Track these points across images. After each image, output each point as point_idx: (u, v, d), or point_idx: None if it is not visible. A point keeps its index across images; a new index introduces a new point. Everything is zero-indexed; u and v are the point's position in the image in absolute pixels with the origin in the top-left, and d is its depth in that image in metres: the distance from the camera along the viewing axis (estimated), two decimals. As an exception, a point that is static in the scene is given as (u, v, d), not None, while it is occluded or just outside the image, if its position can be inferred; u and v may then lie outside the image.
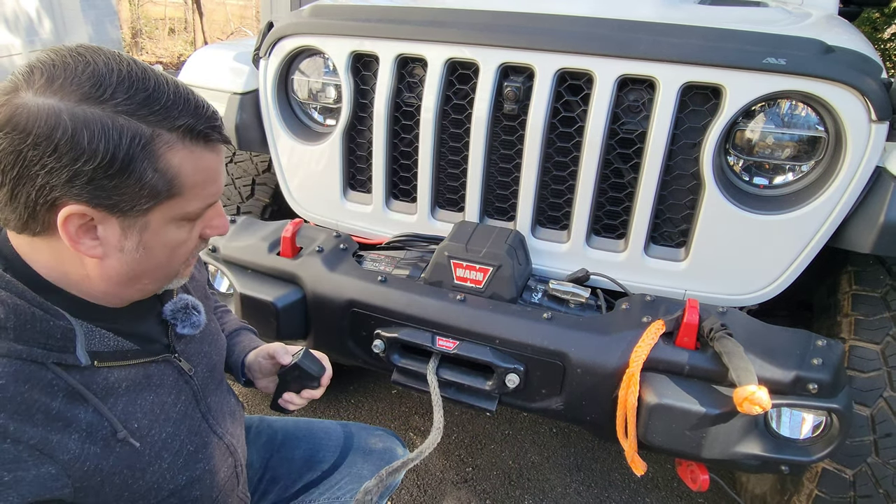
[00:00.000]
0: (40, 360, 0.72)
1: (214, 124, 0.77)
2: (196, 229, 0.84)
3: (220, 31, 11.98)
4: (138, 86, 0.70)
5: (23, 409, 0.70)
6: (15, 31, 5.84)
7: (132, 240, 0.76)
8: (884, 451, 1.43)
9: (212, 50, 2.10)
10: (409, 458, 1.19)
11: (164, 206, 0.76)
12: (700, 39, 1.34)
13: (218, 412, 1.03)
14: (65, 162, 0.67)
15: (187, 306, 0.95)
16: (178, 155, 0.74)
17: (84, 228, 0.72)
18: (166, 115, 0.72)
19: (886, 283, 1.56)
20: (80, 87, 0.67)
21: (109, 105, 0.68)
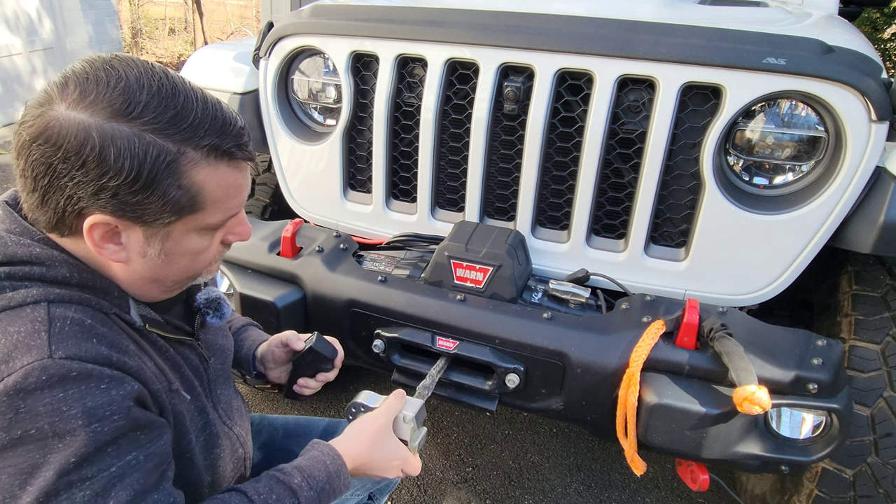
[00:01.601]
0: (106, 310, 0.78)
1: (240, 142, 0.79)
2: (218, 236, 0.86)
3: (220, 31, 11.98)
4: (167, 103, 0.72)
5: (115, 343, 0.75)
6: (15, 31, 5.84)
7: (154, 247, 0.78)
8: (884, 451, 1.43)
9: (212, 50, 2.10)
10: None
11: (187, 220, 0.78)
12: (700, 39, 1.34)
13: (226, 405, 1.05)
14: (92, 176, 0.69)
15: (219, 298, 1.00)
16: (203, 172, 0.75)
17: (108, 235, 0.75)
18: (193, 133, 0.73)
19: (886, 283, 1.56)
20: (111, 103, 0.69)
21: (138, 122, 0.70)
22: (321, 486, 0.92)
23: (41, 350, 0.68)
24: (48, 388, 0.67)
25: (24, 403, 0.66)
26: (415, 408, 1.13)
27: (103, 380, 0.71)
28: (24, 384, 0.66)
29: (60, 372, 0.67)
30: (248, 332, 1.31)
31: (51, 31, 6.43)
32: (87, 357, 0.70)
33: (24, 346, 0.68)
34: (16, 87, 5.96)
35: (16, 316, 0.70)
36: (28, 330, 0.69)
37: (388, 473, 1.05)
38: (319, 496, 0.91)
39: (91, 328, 0.73)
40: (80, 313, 0.74)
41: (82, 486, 0.68)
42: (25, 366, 0.67)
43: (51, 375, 0.67)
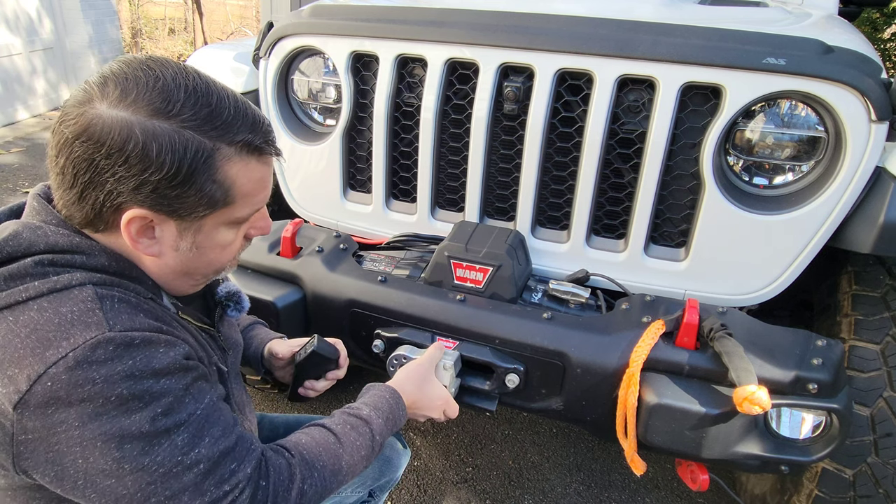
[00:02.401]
0: (144, 295, 0.82)
1: (269, 138, 0.83)
2: (243, 230, 0.90)
3: (220, 31, 11.98)
4: (203, 101, 0.75)
5: (160, 317, 0.81)
6: (15, 31, 5.84)
7: (187, 241, 0.82)
8: (884, 451, 1.43)
9: (212, 50, 2.10)
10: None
11: (219, 213, 0.82)
12: (700, 39, 1.34)
13: (239, 399, 1.08)
14: (134, 172, 0.73)
15: (238, 292, 1.04)
16: (235, 167, 0.79)
17: (143, 229, 0.79)
18: (227, 130, 0.77)
19: (886, 283, 1.56)
20: (151, 102, 0.73)
21: (177, 120, 0.73)
22: (387, 416, 1.05)
23: (101, 325, 0.72)
24: (118, 358, 0.71)
25: (97, 374, 0.70)
26: (452, 357, 1.33)
27: (161, 343, 0.76)
28: (94, 356, 0.70)
29: (125, 341, 0.72)
30: (255, 330, 1.33)
31: (51, 31, 6.43)
32: (142, 327, 0.75)
33: (82, 323, 0.71)
34: (16, 87, 5.96)
35: (65, 297, 0.73)
36: (82, 309, 0.73)
37: (433, 413, 1.20)
38: (386, 423, 1.04)
39: (138, 305, 0.79)
40: (121, 293, 0.78)
41: (178, 431, 0.75)
42: (90, 340, 0.70)
43: (117, 345, 0.71)
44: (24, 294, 0.72)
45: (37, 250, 0.75)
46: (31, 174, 4.68)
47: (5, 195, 4.26)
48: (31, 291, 0.72)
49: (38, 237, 0.76)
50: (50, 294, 0.73)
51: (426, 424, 2.39)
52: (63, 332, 0.70)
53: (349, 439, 0.97)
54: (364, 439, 0.99)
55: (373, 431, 1.01)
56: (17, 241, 0.75)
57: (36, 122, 6.07)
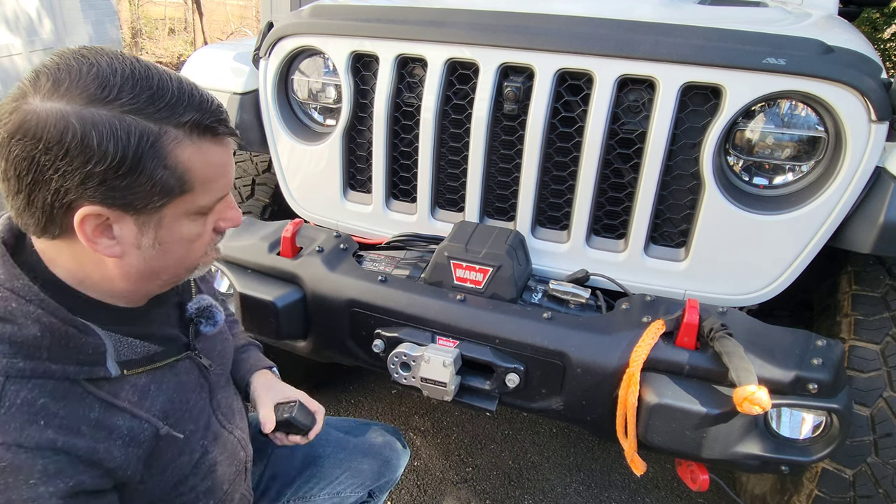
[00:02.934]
0: (72, 376, 0.75)
1: (220, 117, 0.78)
2: (210, 222, 0.85)
3: (220, 31, 11.98)
4: (143, 84, 0.71)
5: (67, 423, 0.73)
6: (15, 31, 5.84)
7: (148, 237, 0.77)
8: (883, 451, 1.43)
9: (212, 50, 2.10)
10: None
11: (177, 202, 0.76)
12: (700, 39, 1.34)
13: (227, 408, 1.05)
14: (76, 164, 0.68)
15: (210, 306, 0.99)
16: (187, 151, 0.74)
17: (100, 228, 0.74)
18: (172, 111, 0.72)
19: (886, 283, 1.56)
20: (85, 89, 0.68)
21: (116, 105, 0.69)
22: None
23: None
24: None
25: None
26: (452, 355, 1.34)
27: (34, 474, 0.69)
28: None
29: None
30: (247, 353, 1.29)
31: (51, 31, 6.43)
32: (26, 443, 0.69)
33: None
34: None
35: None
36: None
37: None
38: None
39: (42, 408, 0.71)
40: (35, 390, 0.71)
41: None
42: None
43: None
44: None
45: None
46: (31, 174, 4.67)
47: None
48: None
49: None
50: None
51: (426, 425, 2.39)
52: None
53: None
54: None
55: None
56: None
57: (36, 122, 6.06)
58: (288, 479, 1.31)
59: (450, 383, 1.35)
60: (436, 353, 1.36)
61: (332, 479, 1.31)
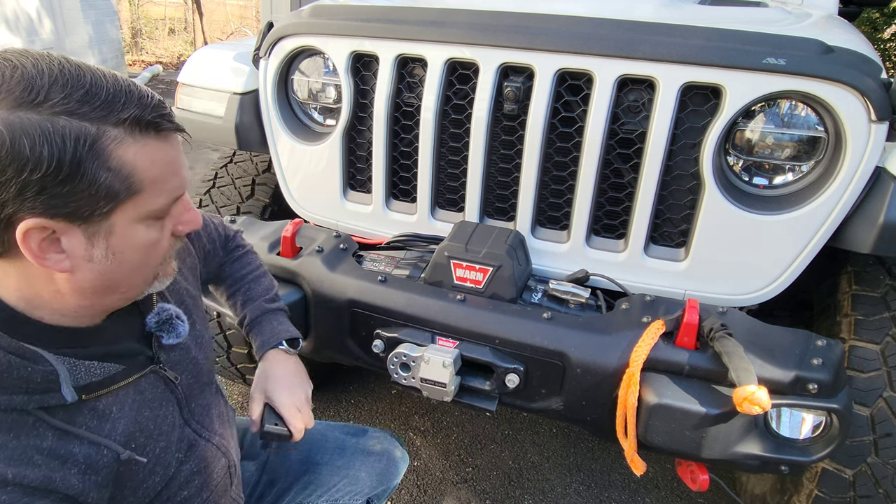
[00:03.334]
0: (21, 407, 0.71)
1: (162, 112, 0.73)
2: (167, 227, 0.80)
3: (220, 31, 11.98)
4: (74, 83, 0.66)
5: (17, 454, 0.69)
6: (15, 31, 5.84)
7: (100, 248, 0.72)
8: (883, 451, 1.43)
9: (212, 50, 2.10)
10: None
11: (126, 207, 0.71)
12: (700, 39, 1.34)
13: (203, 415, 1.01)
14: (10, 174, 0.63)
15: (171, 317, 0.92)
16: (130, 150, 0.69)
17: (47, 242, 0.68)
18: (109, 109, 0.67)
19: (886, 283, 1.56)
20: (10, 93, 0.63)
21: (46, 107, 0.64)
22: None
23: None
24: None
25: None
26: (452, 355, 1.34)
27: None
28: None
29: None
30: (259, 327, 1.27)
31: (51, 31, 6.44)
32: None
33: None
34: (16, 87, 5.96)
35: None
36: None
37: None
38: None
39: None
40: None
41: None
42: None
43: None
44: None
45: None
46: (31, 174, 4.67)
47: None
48: None
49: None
50: None
51: (426, 425, 2.39)
52: None
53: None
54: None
55: None
56: None
57: (36, 122, 6.07)
58: (285, 486, 1.30)
59: (449, 384, 1.35)
60: (435, 353, 1.36)
61: (329, 487, 1.30)
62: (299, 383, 1.21)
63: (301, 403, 1.16)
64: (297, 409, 1.15)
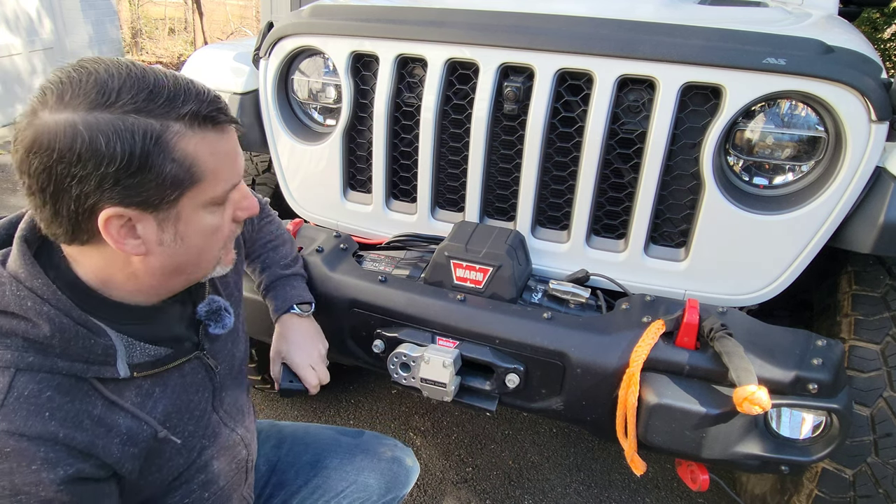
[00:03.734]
0: (80, 374, 0.79)
1: (219, 106, 0.80)
2: (227, 213, 0.87)
3: (220, 31, 11.98)
4: (140, 85, 0.74)
5: (70, 416, 0.77)
6: (15, 31, 5.84)
7: (169, 232, 0.80)
8: (884, 451, 1.43)
9: (212, 50, 2.10)
10: None
11: (190, 195, 0.79)
12: (700, 39, 1.34)
13: (231, 407, 1.08)
14: (90, 168, 0.71)
15: (220, 308, 1.01)
16: (191, 142, 0.77)
17: (125, 229, 0.77)
18: (171, 106, 0.75)
19: (886, 283, 1.56)
20: (87, 96, 0.72)
21: (117, 107, 0.72)
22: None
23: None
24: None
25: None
26: (452, 355, 1.35)
27: (36, 461, 0.73)
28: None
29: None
30: (273, 291, 1.37)
31: (51, 31, 6.43)
32: (30, 432, 0.73)
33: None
34: (16, 87, 5.96)
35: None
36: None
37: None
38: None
39: (48, 401, 0.75)
40: (42, 384, 0.76)
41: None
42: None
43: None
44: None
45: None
46: (31, 174, 4.67)
47: (5, 195, 4.26)
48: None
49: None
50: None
51: (426, 425, 2.39)
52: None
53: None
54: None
55: None
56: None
57: (36, 122, 6.07)
58: (294, 489, 1.30)
59: (450, 384, 1.35)
60: (436, 353, 1.36)
61: (337, 492, 1.29)
62: (312, 343, 1.33)
63: (315, 361, 1.29)
64: (312, 366, 1.27)
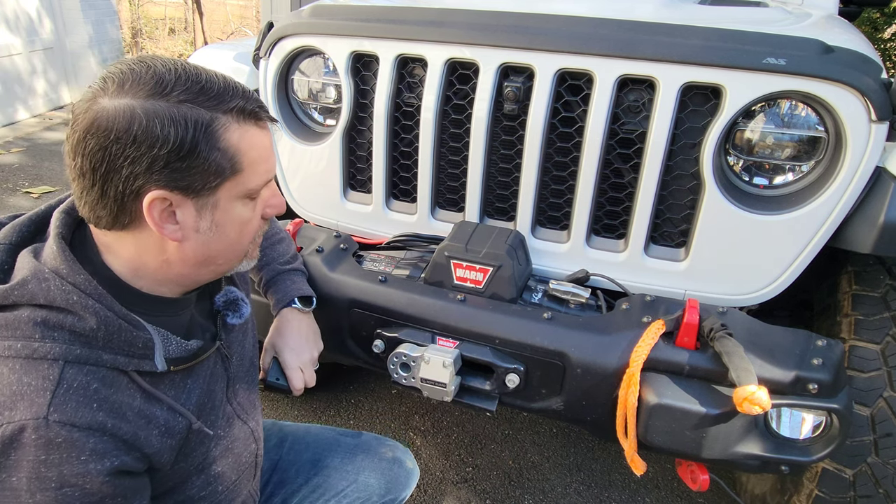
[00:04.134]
0: (122, 367, 0.82)
1: (261, 104, 0.87)
2: (258, 208, 0.92)
3: (220, 31, 11.98)
4: (193, 79, 0.80)
5: (115, 407, 0.80)
6: (15, 31, 5.84)
7: (206, 220, 0.84)
8: (884, 451, 1.43)
9: (212, 50, 2.10)
10: None
11: (229, 184, 0.84)
12: (700, 39, 1.34)
13: (244, 399, 1.10)
14: (143, 150, 0.76)
15: (237, 299, 1.04)
16: (235, 134, 0.82)
17: (166, 213, 0.81)
18: (220, 100, 0.81)
19: (886, 283, 1.55)
20: (145, 85, 0.78)
21: (172, 97, 0.78)
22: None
23: (40, 409, 0.74)
24: (34, 448, 0.73)
25: (14, 453, 0.73)
26: (452, 355, 1.35)
27: (85, 451, 0.76)
28: (19, 437, 0.73)
29: (48, 436, 0.74)
30: (275, 286, 1.37)
31: (51, 31, 6.43)
32: (80, 423, 0.76)
33: (29, 400, 0.74)
34: (16, 87, 5.96)
35: (34, 367, 0.76)
36: (38, 386, 0.75)
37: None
38: None
39: (95, 393, 0.78)
40: (89, 376, 0.79)
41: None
42: (23, 420, 0.73)
43: (39, 436, 0.73)
44: (7, 351, 0.76)
45: (36, 303, 0.79)
46: (31, 174, 4.68)
47: (5, 195, 4.26)
48: (12, 351, 0.76)
49: (41, 290, 0.79)
50: (26, 360, 0.76)
51: (426, 425, 2.39)
52: (13, 401, 0.74)
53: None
54: None
55: None
56: (23, 290, 0.79)
57: (36, 122, 6.07)
58: (294, 487, 1.31)
59: (450, 384, 1.35)
60: (436, 353, 1.36)
61: (337, 492, 1.30)
62: (306, 344, 1.33)
63: (305, 364, 1.30)
64: (301, 369, 1.29)
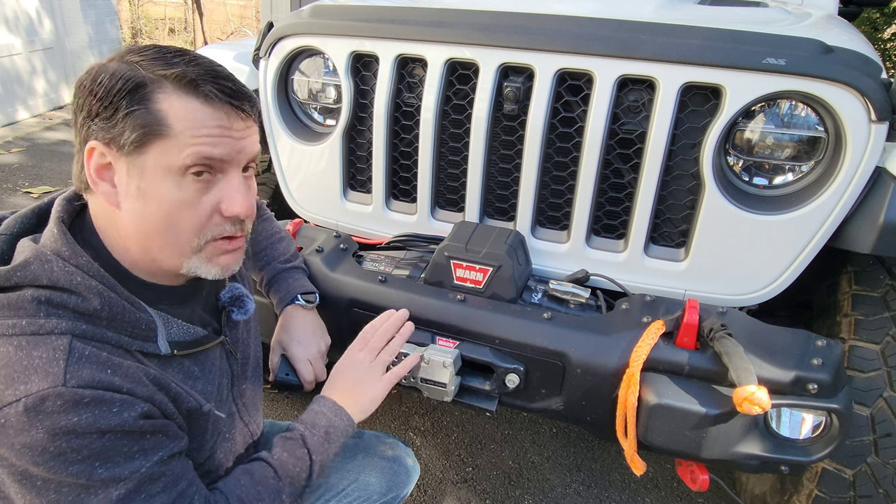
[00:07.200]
0: (126, 346, 0.83)
1: (220, 85, 0.82)
2: (206, 200, 0.84)
3: (220, 31, 11.98)
4: (165, 50, 0.82)
5: (130, 373, 0.81)
6: (15, 31, 5.84)
7: (133, 183, 0.82)
8: (883, 451, 1.43)
9: (212, 50, 2.10)
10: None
11: (155, 149, 0.80)
12: (700, 39, 1.34)
13: (248, 401, 1.10)
14: (86, 98, 0.80)
15: (242, 295, 1.05)
16: (169, 98, 0.80)
17: (102, 169, 0.82)
18: (170, 67, 0.80)
19: (886, 283, 1.56)
20: (130, 51, 0.82)
21: (136, 59, 0.81)
22: (325, 430, 1.05)
23: (57, 378, 0.73)
24: (63, 413, 0.72)
25: (42, 425, 0.72)
26: (452, 355, 1.36)
27: (115, 404, 0.76)
28: (42, 408, 0.72)
29: (74, 398, 0.73)
30: (276, 285, 1.38)
31: (51, 31, 6.43)
32: (99, 385, 0.76)
33: (43, 371, 0.73)
34: (16, 87, 5.96)
35: (42, 342, 0.76)
36: (49, 357, 0.75)
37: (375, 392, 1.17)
38: (326, 437, 1.04)
39: (107, 360, 0.79)
40: (98, 348, 0.79)
41: (116, 486, 0.76)
42: (41, 391, 0.72)
43: (66, 401, 0.73)
44: (11, 329, 0.76)
45: (39, 284, 0.78)
46: (31, 174, 4.68)
47: (5, 195, 4.26)
48: (17, 329, 0.76)
49: (44, 271, 0.78)
50: (32, 336, 0.76)
51: (426, 425, 2.39)
52: (25, 375, 0.73)
53: (287, 469, 0.98)
54: (302, 463, 1.00)
55: (310, 452, 1.01)
56: (25, 272, 0.78)
57: (36, 122, 6.07)
58: None
59: (450, 384, 1.35)
60: (436, 353, 1.36)
61: (338, 491, 1.29)
62: (314, 338, 1.34)
63: (313, 357, 1.30)
64: (310, 362, 1.28)
